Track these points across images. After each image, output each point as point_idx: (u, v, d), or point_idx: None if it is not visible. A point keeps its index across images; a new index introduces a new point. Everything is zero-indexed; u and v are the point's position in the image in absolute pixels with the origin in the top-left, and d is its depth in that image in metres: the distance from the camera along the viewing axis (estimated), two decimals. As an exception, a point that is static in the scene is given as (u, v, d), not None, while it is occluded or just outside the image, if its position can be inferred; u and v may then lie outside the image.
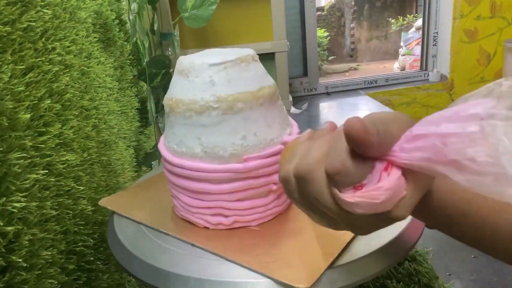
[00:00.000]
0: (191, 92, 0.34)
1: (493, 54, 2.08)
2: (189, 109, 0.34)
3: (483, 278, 0.55)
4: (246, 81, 0.35)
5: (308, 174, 0.21)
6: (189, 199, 0.37)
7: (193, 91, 0.34)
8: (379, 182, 0.19)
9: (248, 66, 0.35)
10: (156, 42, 0.95)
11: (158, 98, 0.84)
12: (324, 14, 4.74)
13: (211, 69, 0.34)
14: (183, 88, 0.35)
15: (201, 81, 0.34)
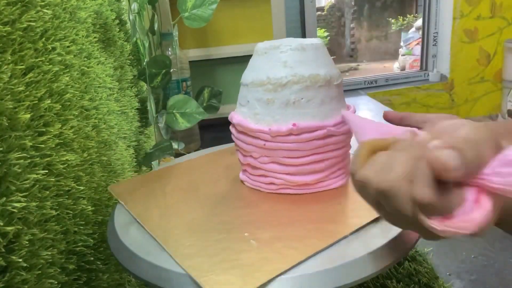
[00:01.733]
0: (286, 68, 0.41)
1: (493, 54, 2.08)
2: (295, 82, 0.41)
3: (483, 278, 0.55)
4: (320, 64, 0.42)
5: (391, 190, 0.20)
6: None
7: (286, 68, 0.41)
8: (471, 213, 0.18)
9: (319, 52, 0.43)
10: (156, 42, 0.95)
11: (158, 98, 0.84)
12: (324, 14, 4.74)
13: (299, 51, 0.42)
14: (274, 65, 0.42)
15: (295, 59, 0.42)
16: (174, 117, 0.79)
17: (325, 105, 0.41)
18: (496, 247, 0.63)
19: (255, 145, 0.42)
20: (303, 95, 0.40)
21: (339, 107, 0.43)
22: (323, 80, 0.41)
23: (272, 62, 0.41)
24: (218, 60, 1.28)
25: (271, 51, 0.42)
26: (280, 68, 0.41)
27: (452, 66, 2.04)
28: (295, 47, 0.41)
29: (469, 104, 2.13)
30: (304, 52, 0.41)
